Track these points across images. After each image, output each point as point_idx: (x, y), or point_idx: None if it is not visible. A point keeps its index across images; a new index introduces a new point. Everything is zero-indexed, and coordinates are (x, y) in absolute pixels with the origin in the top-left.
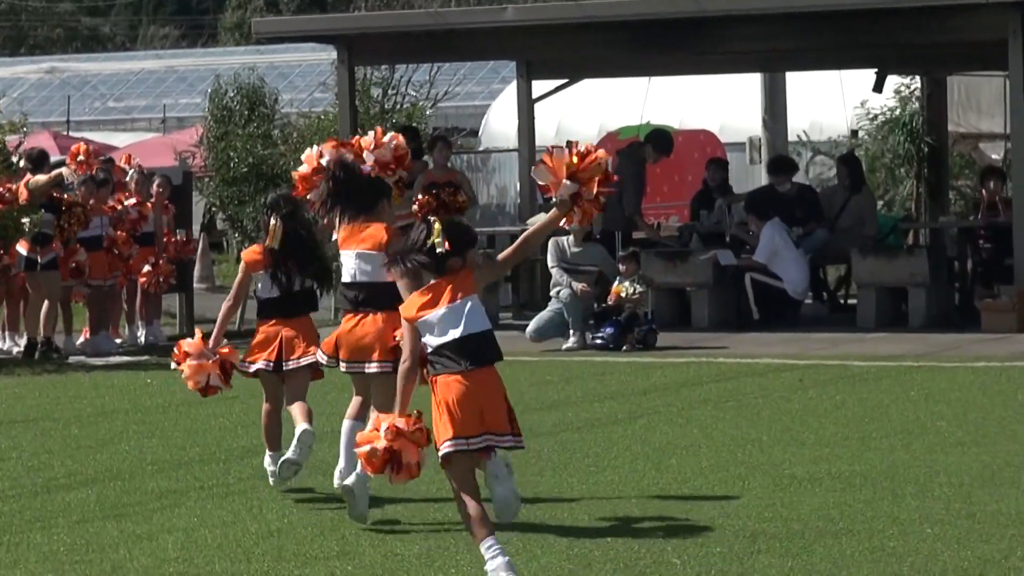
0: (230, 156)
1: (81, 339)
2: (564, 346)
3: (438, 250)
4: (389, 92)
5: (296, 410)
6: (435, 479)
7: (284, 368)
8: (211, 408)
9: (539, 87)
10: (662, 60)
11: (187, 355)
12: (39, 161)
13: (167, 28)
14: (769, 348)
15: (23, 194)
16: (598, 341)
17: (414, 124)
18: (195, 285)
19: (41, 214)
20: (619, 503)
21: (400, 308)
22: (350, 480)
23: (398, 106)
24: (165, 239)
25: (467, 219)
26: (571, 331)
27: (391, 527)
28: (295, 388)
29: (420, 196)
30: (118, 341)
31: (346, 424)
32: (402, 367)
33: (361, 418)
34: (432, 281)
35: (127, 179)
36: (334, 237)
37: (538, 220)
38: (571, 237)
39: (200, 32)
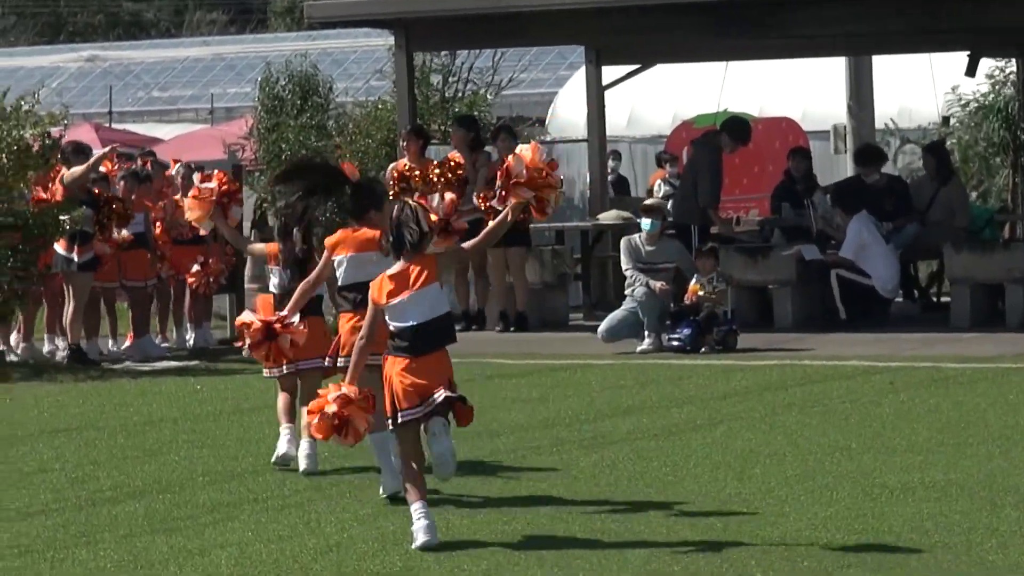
0: (282, 148)
1: (126, 343)
2: (638, 348)
3: (424, 230)
4: (450, 79)
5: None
6: (498, 497)
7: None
8: (265, 416)
9: (609, 73)
10: (741, 43)
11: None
12: (76, 155)
13: (214, 13)
14: (857, 349)
15: (58, 189)
16: (675, 343)
17: (475, 113)
18: (246, 285)
19: (82, 210)
20: (699, 515)
21: (370, 291)
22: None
23: (459, 94)
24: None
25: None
26: (646, 332)
27: (457, 541)
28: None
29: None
30: (165, 345)
31: (369, 438)
32: (358, 343)
33: (383, 428)
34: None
35: (172, 173)
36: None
37: (608, 216)
38: (643, 235)
39: (249, 17)
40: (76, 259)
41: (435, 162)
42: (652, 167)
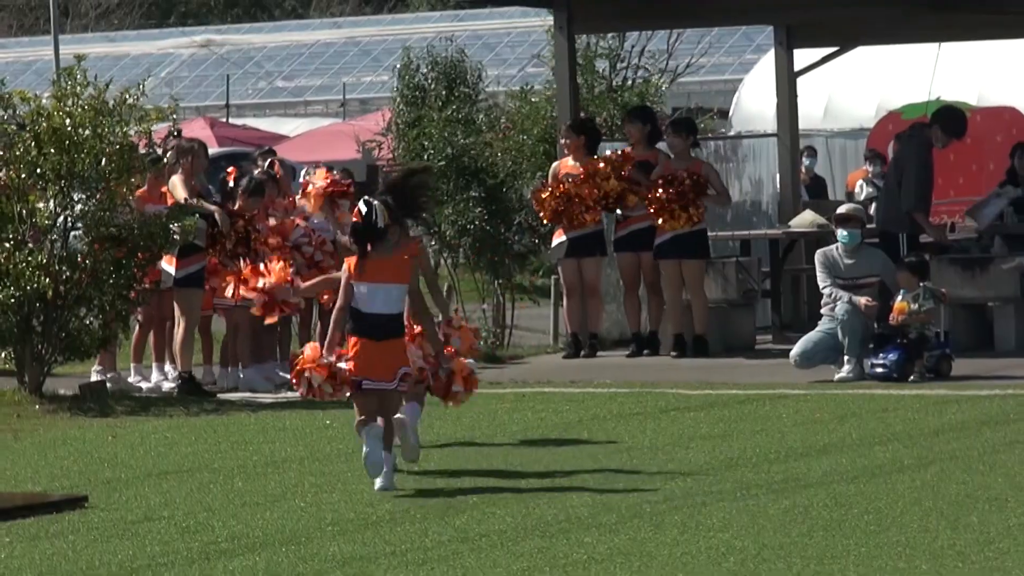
0: (424, 146)
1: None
2: (836, 376)
3: (380, 225)
4: (618, 65)
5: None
6: (672, 550)
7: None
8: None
9: (803, 57)
10: (955, 21)
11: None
12: (182, 155)
13: None
14: None
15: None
16: (878, 370)
17: (648, 104)
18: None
19: (195, 220)
20: (906, 569)
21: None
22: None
23: (629, 82)
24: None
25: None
26: (846, 357)
27: None
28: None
29: (660, 190)
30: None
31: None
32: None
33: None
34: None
35: (303, 177)
36: None
37: (802, 223)
38: (840, 246)
39: None
40: (174, 272)
41: (601, 157)
42: (852, 165)
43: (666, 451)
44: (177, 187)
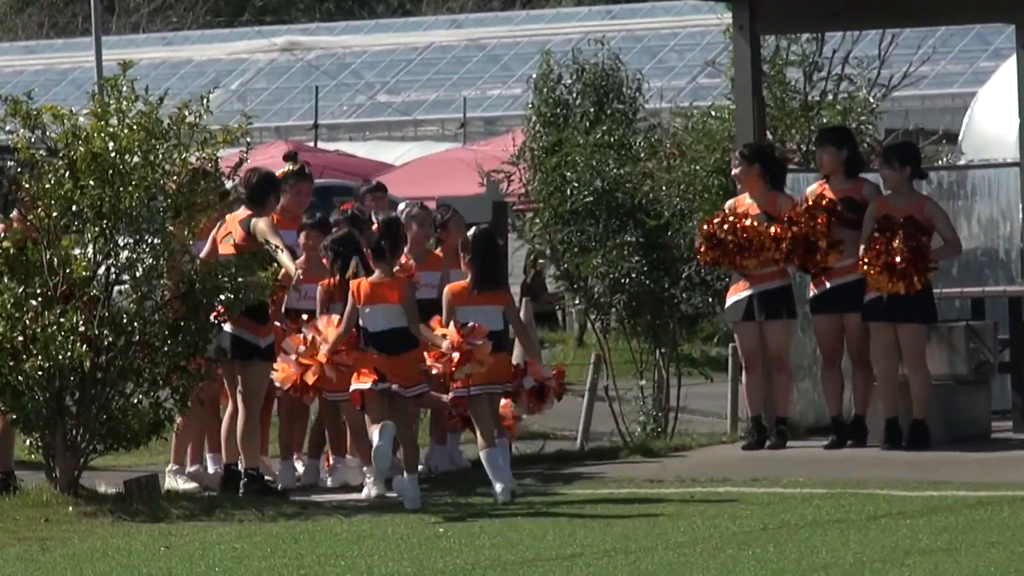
0: (566, 178)
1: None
2: None
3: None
4: (815, 76)
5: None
6: None
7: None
8: (539, 571)
9: None
10: None
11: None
12: (261, 190)
13: None
14: None
15: (237, 234)
16: None
17: (848, 124)
18: None
19: (272, 271)
20: None
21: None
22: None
23: (829, 96)
24: None
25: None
26: None
27: None
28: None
29: (874, 240)
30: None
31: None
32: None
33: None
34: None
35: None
36: None
37: None
38: None
39: None
40: (260, 343)
41: (798, 200)
42: None
43: (875, 569)
44: (267, 230)
